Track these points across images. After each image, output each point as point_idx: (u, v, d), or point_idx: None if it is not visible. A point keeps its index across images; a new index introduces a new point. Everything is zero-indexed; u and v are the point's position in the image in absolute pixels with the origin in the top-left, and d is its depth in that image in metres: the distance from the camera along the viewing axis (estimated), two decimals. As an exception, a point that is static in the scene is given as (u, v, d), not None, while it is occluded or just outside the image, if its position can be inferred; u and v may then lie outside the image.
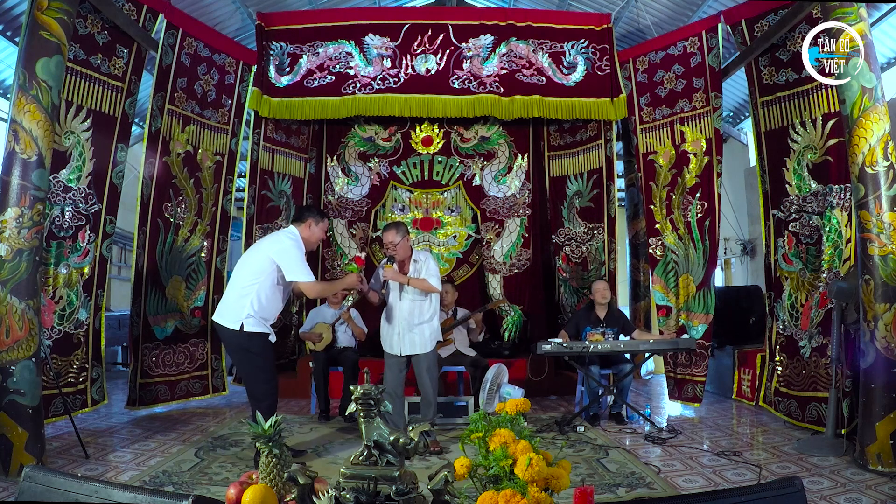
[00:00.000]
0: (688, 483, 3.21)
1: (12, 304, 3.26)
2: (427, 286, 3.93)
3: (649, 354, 5.14)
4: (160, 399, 4.99)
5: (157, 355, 5.00)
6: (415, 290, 3.95)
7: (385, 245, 3.97)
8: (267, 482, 1.82)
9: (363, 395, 1.89)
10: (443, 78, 5.78)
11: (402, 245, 3.92)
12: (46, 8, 3.44)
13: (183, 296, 5.20)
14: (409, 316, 3.93)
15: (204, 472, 3.34)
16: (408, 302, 3.94)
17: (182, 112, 5.11)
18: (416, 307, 3.95)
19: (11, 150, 3.36)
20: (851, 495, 2.93)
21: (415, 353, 3.95)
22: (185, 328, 5.21)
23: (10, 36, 5.72)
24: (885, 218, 3.44)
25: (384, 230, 4.03)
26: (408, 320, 3.92)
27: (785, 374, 4.61)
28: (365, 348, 5.38)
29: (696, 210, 5.31)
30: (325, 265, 6.58)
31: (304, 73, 5.78)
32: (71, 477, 1.44)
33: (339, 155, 6.66)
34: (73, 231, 4.28)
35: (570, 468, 1.77)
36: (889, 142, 3.48)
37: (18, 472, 3.10)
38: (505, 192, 6.58)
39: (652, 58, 5.68)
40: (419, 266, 3.97)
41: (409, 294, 3.95)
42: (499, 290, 6.44)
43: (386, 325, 4.02)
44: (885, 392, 3.38)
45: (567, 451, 3.82)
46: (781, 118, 4.71)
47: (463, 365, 5.01)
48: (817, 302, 4.39)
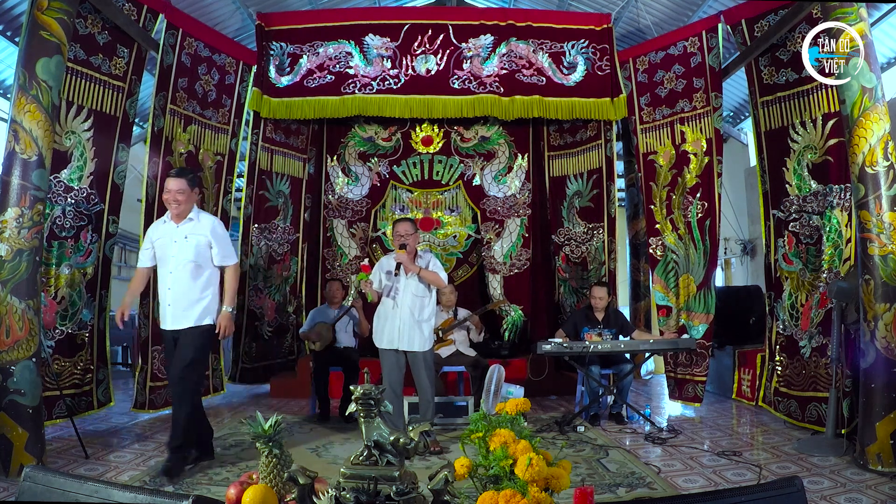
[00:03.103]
0: (688, 483, 3.21)
1: (12, 304, 3.26)
2: (437, 279, 3.95)
3: (649, 354, 5.14)
4: (169, 402, 4.96)
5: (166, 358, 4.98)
6: (417, 287, 3.94)
7: (398, 235, 3.97)
8: (267, 482, 1.82)
9: (363, 395, 1.89)
10: (443, 78, 5.78)
11: (415, 238, 3.98)
12: (46, 8, 3.44)
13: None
14: (410, 312, 3.91)
15: (204, 472, 3.34)
16: (409, 297, 3.94)
17: (184, 112, 5.11)
18: (416, 304, 3.94)
19: (11, 150, 3.36)
20: (851, 495, 2.93)
21: (413, 351, 3.93)
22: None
23: (10, 36, 5.72)
24: (885, 218, 3.44)
25: (400, 221, 4.06)
26: (409, 316, 3.91)
27: (785, 374, 4.61)
28: (365, 348, 5.38)
29: (697, 210, 5.31)
30: (325, 265, 6.59)
31: (304, 73, 5.79)
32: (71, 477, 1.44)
33: (339, 155, 6.66)
34: (74, 231, 4.28)
35: (570, 468, 1.77)
36: (889, 142, 3.48)
37: (18, 472, 3.10)
38: (505, 192, 6.58)
39: (652, 58, 5.68)
40: (424, 262, 3.98)
41: (412, 290, 3.95)
42: (499, 290, 6.44)
43: (383, 319, 3.98)
44: (885, 392, 3.38)
45: (567, 451, 3.82)
46: (781, 118, 4.71)
47: (463, 365, 5.01)
48: (817, 302, 4.38)
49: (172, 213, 3.38)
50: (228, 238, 3.56)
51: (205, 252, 3.39)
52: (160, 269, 3.44)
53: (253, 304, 6.05)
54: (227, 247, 3.49)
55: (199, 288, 3.36)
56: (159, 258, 3.43)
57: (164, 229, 3.43)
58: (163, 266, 3.41)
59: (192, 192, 3.41)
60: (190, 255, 3.35)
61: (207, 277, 3.40)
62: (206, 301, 3.38)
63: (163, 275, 3.41)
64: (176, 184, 3.35)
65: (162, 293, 3.41)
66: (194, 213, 3.44)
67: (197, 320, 3.34)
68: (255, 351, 6.10)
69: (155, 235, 3.46)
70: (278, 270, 6.30)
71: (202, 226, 3.42)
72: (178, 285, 3.34)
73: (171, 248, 3.37)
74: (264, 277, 6.16)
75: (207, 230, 3.41)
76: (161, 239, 3.42)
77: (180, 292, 3.34)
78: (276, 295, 6.29)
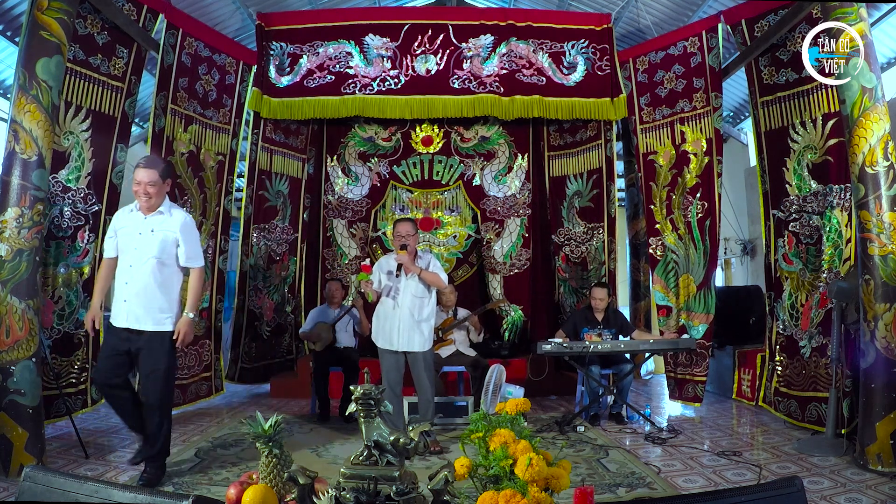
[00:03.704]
0: (688, 483, 3.21)
1: (12, 304, 3.26)
2: (437, 279, 3.96)
3: (649, 354, 5.14)
4: (174, 403, 4.96)
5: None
6: (416, 288, 3.94)
7: (399, 235, 3.97)
8: (267, 482, 1.82)
9: (363, 395, 1.89)
10: (443, 78, 5.78)
11: (415, 239, 3.99)
12: (46, 8, 3.44)
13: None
14: (409, 312, 3.91)
15: (204, 472, 3.34)
16: (409, 298, 3.94)
17: (184, 112, 5.11)
18: (416, 304, 3.94)
19: (11, 150, 3.36)
20: (851, 495, 2.93)
21: (413, 351, 3.93)
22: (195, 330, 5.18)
23: (10, 36, 5.71)
24: (885, 218, 3.44)
25: (401, 221, 4.06)
26: (409, 316, 3.91)
27: (785, 374, 4.61)
28: (365, 348, 5.38)
29: (697, 210, 5.31)
30: (325, 265, 6.59)
31: (305, 74, 5.79)
32: (71, 477, 1.44)
33: (339, 155, 6.66)
34: (72, 231, 4.27)
35: (570, 468, 1.77)
36: (889, 142, 3.48)
37: (18, 472, 3.10)
38: (505, 192, 6.58)
39: (652, 58, 5.68)
40: (424, 263, 3.99)
41: (412, 290, 3.95)
42: (499, 290, 6.44)
43: (383, 319, 3.98)
44: (885, 392, 3.38)
45: (567, 451, 3.82)
46: (781, 118, 4.71)
47: (463, 365, 5.01)
48: (817, 302, 4.38)
49: (141, 205, 3.13)
50: (198, 238, 3.37)
51: (170, 249, 3.15)
52: (120, 260, 3.17)
53: (252, 304, 6.05)
54: (196, 247, 3.27)
55: (159, 287, 3.11)
56: (121, 249, 3.17)
57: (131, 219, 3.18)
58: (123, 258, 3.15)
59: (164, 183, 3.15)
60: (154, 250, 3.10)
61: (169, 277, 3.17)
62: (166, 303, 3.14)
63: (122, 267, 3.14)
64: (146, 175, 3.07)
65: (118, 287, 3.14)
66: (165, 206, 3.19)
67: (156, 324, 3.10)
68: (255, 351, 6.10)
69: (119, 224, 3.21)
70: (277, 270, 6.30)
71: (172, 221, 3.17)
72: (138, 281, 3.08)
73: (135, 239, 3.12)
74: (263, 277, 6.16)
75: (177, 226, 3.16)
76: (125, 228, 3.17)
77: (139, 289, 3.08)
78: (274, 295, 6.29)
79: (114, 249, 3.21)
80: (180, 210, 3.30)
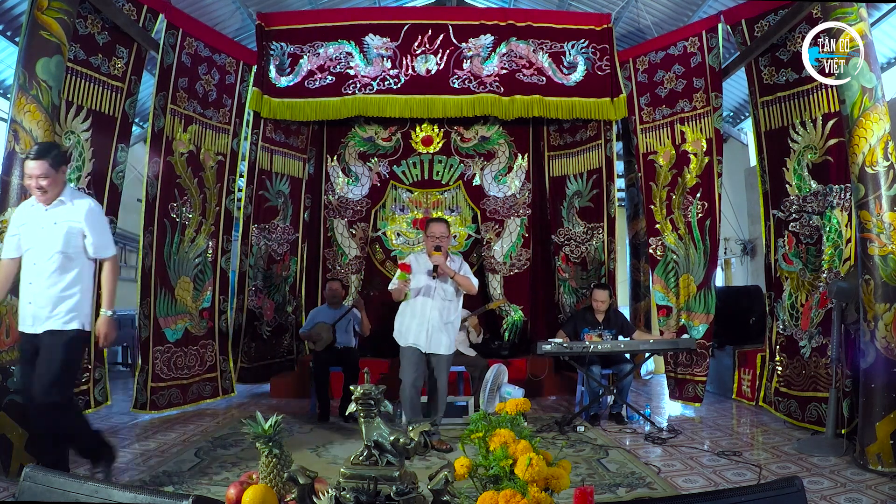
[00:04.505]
0: (688, 483, 3.21)
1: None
2: (469, 284, 3.95)
3: (649, 354, 5.14)
4: (173, 403, 4.95)
5: (169, 358, 4.97)
6: (447, 290, 3.93)
7: (434, 236, 3.93)
8: (267, 482, 1.82)
9: (363, 395, 1.88)
10: (443, 78, 5.78)
11: (448, 240, 3.97)
12: (46, 8, 3.44)
13: (191, 297, 5.19)
14: (439, 314, 3.90)
15: (204, 472, 3.34)
16: (439, 300, 3.92)
17: (184, 112, 5.11)
18: (445, 306, 3.94)
19: (11, 150, 3.36)
20: (851, 495, 2.93)
21: (438, 353, 3.92)
22: (194, 330, 5.20)
23: (10, 36, 5.72)
24: (885, 218, 3.44)
25: (435, 222, 4.02)
26: (438, 318, 3.90)
27: (785, 374, 4.61)
28: (365, 348, 5.38)
29: (697, 210, 5.31)
30: (325, 265, 6.59)
31: (305, 75, 5.79)
32: (71, 477, 1.44)
33: (339, 155, 6.66)
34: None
35: (570, 468, 1.76)
36: (889, 142, 3.48)
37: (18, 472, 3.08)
38: (505, 192, 6.58)
39: (652, 58, 5.69)
40: (456, 266, 3.97)
41: (442, 293, 3.94)
42: (499, 290, 6.44)
43: (410, 319, 3.94)
44: (885, 392, 3.38)
45: (567, 451, 3.82)
46: (781, 118, 4.71)
47: (463, 365, 5.01)
48: (817, 302, 4.38)
49: (38, 200, 2.86)
50: (107, 225, 3.06)
51: (76, 241, 2.87)
52: (24, 260, 2.88)
53: (252, 304, 6.05)
54: (104, 235, 2.97)
55: (65, 284, 2.83)
56: (24, 247, 2.88)
57: (31, 213, 2.89)
58: (26, 256, 2.87)
59: (59, 171, 2.84)
60: (58, 244, 2.82)
61: (78, 272, 2.88)
62: (72, 300, 2.84)
63: (26, 266, 2.87)
64: (37, 168, 2.76)
65: (23, 289, 2.88)
66: (67, 194, 2.89)
67: (62, 323, 2.81)
68: (255, 351, 6.10)
69: (20, 220, 2.92)
70: (277, 270, 6.30)
71: (76, 210, 2.87)
72: (41, 279, 2.81)
73: (37, 235, 2.84)
74: (264, 277, 6.16)
75: (81, 215, 2.86)
76: (27, 224, 2.88)
77: (42, 287, 2.81)
78: (275, 295, 6.29)
79: (15, 249, 2.91)
80: (85, 197, 3.02)
